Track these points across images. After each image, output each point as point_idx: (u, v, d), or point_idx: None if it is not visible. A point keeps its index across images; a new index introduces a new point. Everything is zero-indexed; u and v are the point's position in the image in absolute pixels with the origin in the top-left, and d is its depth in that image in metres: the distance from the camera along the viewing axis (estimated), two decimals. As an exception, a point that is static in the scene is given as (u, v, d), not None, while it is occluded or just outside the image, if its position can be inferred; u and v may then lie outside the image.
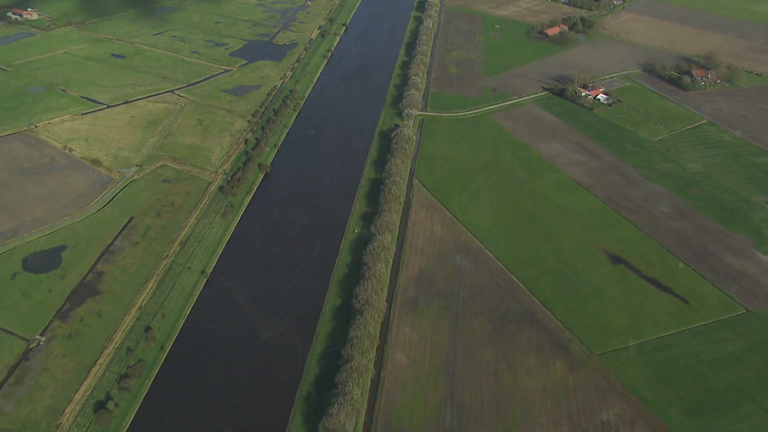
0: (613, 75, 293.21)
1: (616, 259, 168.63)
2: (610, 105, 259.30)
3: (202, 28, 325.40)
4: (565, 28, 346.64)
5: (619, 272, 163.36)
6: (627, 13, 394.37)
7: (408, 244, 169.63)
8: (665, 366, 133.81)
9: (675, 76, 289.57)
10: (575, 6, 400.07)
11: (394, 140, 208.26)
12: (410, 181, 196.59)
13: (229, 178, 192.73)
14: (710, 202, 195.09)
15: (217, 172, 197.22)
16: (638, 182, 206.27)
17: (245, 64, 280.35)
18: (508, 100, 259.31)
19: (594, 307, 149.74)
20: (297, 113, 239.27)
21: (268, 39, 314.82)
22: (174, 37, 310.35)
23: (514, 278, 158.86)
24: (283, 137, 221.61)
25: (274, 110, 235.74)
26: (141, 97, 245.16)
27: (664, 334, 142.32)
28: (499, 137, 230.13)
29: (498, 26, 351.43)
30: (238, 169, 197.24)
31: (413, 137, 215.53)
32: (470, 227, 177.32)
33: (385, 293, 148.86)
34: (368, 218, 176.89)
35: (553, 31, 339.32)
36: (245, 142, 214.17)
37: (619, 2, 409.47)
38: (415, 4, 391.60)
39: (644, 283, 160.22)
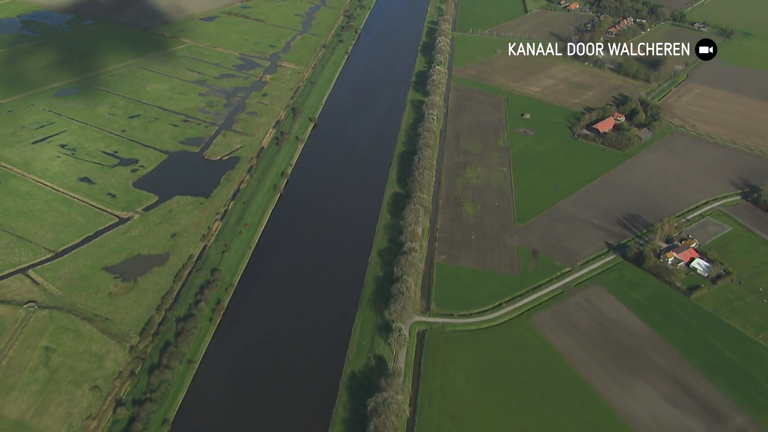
0: (703, 209, 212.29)
1: None
2: (713, 281, 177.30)
3: (108, 128, 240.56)
4: (622, 118, 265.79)
5: None
6: (695, 85, 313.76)
7: None
8: None
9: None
10: (626, 75, 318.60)
11: (373, 420, 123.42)
12: None
13: None
14: None
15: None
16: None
17: (154, 205, 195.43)
18: (557, 277, 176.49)
19: None
20: (215, 327, 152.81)
21: (198, 149, 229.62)
22: (63, 146, 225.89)
23: None
24: (182, 396, 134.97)
25: (177, 322, 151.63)
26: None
27: None
28: (548, 373, 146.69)
29: (528, 115, 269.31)
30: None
31: (406, 409, 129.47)
32: None
33: None
34: None
35: (605, 126, 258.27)
36: (114, 410, 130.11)
37: (681, 67, 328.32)
38: (414, 79, 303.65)
39: None
